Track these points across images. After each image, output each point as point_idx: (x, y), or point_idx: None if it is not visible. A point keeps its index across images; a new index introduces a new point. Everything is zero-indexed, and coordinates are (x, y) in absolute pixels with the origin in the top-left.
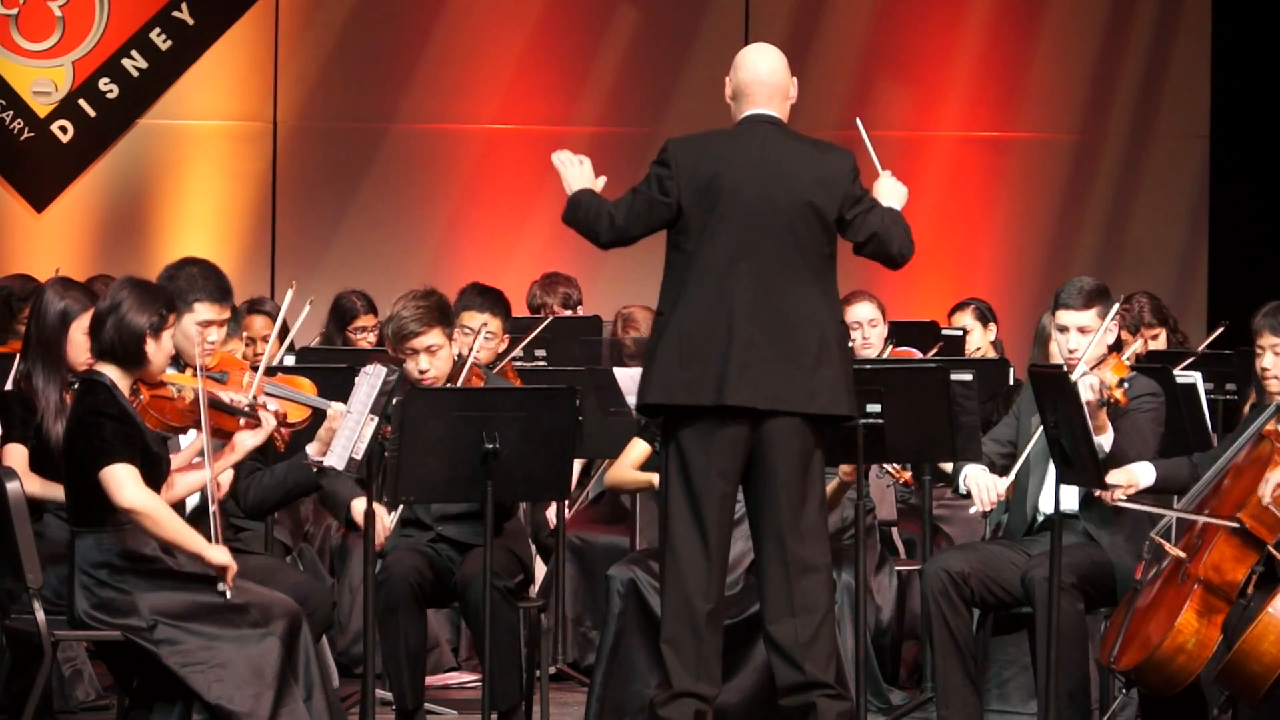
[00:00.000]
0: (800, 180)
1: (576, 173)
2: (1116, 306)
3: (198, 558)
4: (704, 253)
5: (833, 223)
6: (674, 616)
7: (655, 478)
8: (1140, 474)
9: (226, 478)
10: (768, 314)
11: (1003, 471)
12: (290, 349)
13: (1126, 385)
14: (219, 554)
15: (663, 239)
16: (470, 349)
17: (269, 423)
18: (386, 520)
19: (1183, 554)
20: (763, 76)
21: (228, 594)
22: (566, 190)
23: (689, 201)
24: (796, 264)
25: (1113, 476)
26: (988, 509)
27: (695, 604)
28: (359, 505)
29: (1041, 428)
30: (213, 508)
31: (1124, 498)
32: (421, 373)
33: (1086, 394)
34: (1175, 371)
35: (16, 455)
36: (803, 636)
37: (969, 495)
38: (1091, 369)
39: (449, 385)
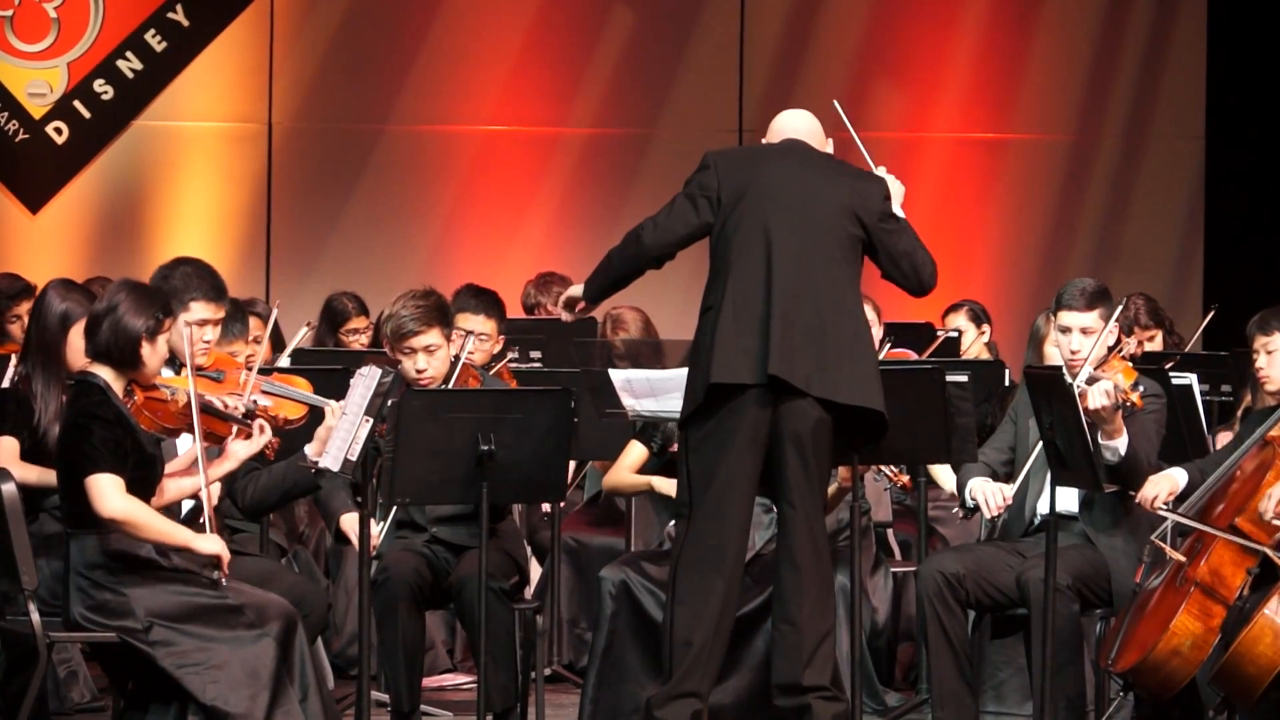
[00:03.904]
0: (836, 186)
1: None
2: (1120, 308)
3: (188, 552)
4: (745, 246)
5: (865, 228)
6: (695, 616)
7: (653, 480)
8: (1179, 478)
9: (217, 487)
10: (806, 305)
11: (1006, 479)
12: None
13: (1142, 388)
14: (208, 543)
15: None
16: (462, 350)
17: (264, 433)
18: (375, 529)
19: (1183, 558)
20: (785, 130)
21: (223, 581)
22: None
23: (729, 199)
24: (832, 259)
25: (1151, 485)
26: (995, 514)
27: (717, 604)
28: (349, 521)
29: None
30: (207, 509)
31: (1165, 505)
32: (419, 372)
33: (1102, 400)
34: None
35: (6, 447)
36: (805, 637)
37: (976, 508)
38: (1095, 370)
39: (444, 386)
